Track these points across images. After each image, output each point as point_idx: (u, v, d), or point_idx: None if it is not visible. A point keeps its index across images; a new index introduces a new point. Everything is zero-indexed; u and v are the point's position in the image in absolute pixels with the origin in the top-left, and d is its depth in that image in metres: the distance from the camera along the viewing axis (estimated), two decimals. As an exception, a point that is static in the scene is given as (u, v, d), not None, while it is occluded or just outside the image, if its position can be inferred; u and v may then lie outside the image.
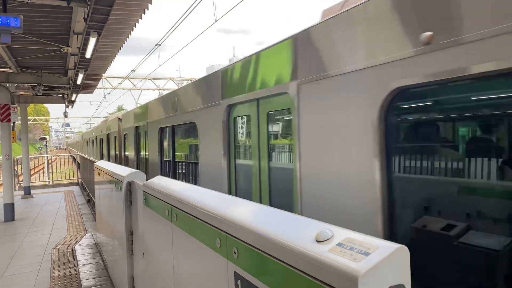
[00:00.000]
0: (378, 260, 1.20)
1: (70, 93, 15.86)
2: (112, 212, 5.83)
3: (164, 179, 3.78)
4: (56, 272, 6.73)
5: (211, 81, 5.60)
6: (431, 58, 2.34)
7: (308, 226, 1.65)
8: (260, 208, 2.13)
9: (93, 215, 11.85)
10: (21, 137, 16.90)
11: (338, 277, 1.24)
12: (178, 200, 2.81)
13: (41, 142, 44.66)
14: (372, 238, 1.35)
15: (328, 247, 1.38)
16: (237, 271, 1.94)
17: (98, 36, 7.51)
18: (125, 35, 9.24)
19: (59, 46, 9.28)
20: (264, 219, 1.91)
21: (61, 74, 13.36)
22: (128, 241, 4.71)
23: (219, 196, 2.60)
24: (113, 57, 11.40)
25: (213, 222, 2.19)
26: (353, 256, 1.27)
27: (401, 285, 1.22)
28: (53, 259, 7.54)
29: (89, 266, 7.02)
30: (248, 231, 1.82)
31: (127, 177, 4.74)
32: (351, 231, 1.45)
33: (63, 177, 24.07)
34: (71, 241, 8.96)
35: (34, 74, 12.67)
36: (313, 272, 1.35)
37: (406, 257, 1.25)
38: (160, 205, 3.28)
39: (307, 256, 1.39)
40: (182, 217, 2.74)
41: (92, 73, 12.82)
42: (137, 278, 4.56)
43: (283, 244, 1.55)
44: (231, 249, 1.98)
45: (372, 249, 1.27)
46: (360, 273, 1.17)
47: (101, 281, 6.21)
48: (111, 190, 5.83)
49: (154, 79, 35.30)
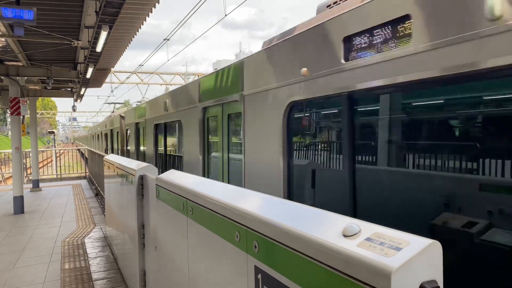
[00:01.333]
0: (411, 256, 1.18)
1: (79, 86, 15.91)
2: (122, 206, 5.85)
3: (177, 173, 3.77)
4: (67, 265, 6.77)
5: (192, 87, 6.96)
6: (307, 84, 3.79)
7: (332, 220, 1.63)
8: (278, 201, 2.12)
9: (102, 208, 11.91)
10: (29, 130, 17.02)
11: (369, 272, 1.22)
12: (194, 194, 2.80)
13: (48, 135, 44.93)
14: (402, 233, 1.33)
15: (356, 242, 1.36)
16: (257, 265, 1.92)
17: (109, 30, 7.51)
18: (135, 29, 9.24)
19: (70, 40, 9.30)
20: (284, 212, 1.90)
21: (71, 68, 13.41)
22: (139, 234, 4.72)
23: (236, 190, 2.59)
24: (122, 51, 11.42)
25: (232, 215, 2.18)
26: (384, 251, 1.25)
27: (434, 281, 1.20)
28: (63, 251, 7.59)
29: (99, 259, 7.06)
30: (270, 224, 1.81)
31: (139, 171, 4.74)
32: (378, 226, 1.43)
33: (71, 171, 24.24)
34: (80, 234, 9.02)
35: (44, 67, 12.72)
36: (341, 267, 1.34)
37: (438, 252, 1.23)
38: (174, 198, 3.28)
39: (335, 251, 1.37)
40: (198, 211, 2.73)
41: (102, 67, 12.85)
42: (148, 271, 4.57)
43: (308, 238, 1.53)
44: (251, 243, 1.97)
45: (404, 244, 1.25)
46: (393, 269, 1.15)
47: (111, 274, 6.24)
48: (122, 184, 5.84)
49: (161, 74, 35.34)
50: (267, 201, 2.19)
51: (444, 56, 2.46)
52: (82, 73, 12.80)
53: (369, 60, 3.06)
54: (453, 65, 2.41)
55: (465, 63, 2.34)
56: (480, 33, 2.23)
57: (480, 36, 2.24)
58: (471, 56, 2.30)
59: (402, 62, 2.76)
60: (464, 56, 2.34)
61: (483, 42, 2.23)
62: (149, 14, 8.37)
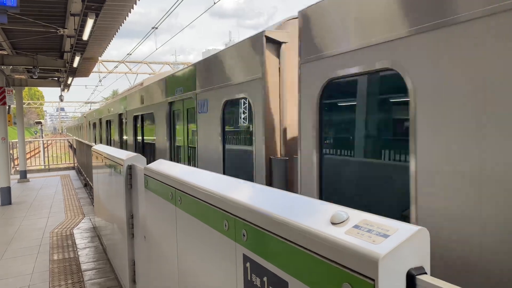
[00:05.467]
0: (399, 243, 1.18)
1: (66, 76, 15.66)
2: (111, 196, 5.81)
3: (166, 163, 3.74)
4: (55, 255, 6.73)
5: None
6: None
7: (321, 208, 1.63)
8: (268, 190, 2.11)
9: (91, 199, 11.83)
10: (16, 120, 16.74)
11: (357, 259, 1.21)
12: (182, 183, 2.78)
13: (36, 126, 44.33)
14: (390, 220, 1.33)
15: (344, 229, 1.36)
16: (245, 254, 1.92)
17: (95, 18, 7.36)
18: (123, 17, 9.07)
19: (55, 28, 9.11)
20: (273, 201, 1.89)
21: (57, 57, 13.17)
22: (128, 224, 4.69)
23: (225, 179, 2.57)
24: (110, 40, 11.22)
25: (220, 204, 2.17)
26: (371, 238, 1.25)
27: (421, 267, 1.21)
28: (52, 242, 7.54)
29: (88, 249, 7.02)
30: (258, 213, 1.80)
31: (127, 161, 4.70)
32: (367, 213, 1.42)
33: (59, 161, 23.97)
34: (69, 224, 8.95)
35: (30, 56, 12.47)
36: (329, 254, 1.33)
37: (426, 239, 1.23)
38: (163, 188, 3.25)
39: (323, 238, 1.37)
40: (186, 200, 2.71)
41: (89, 56, 12.62)
42: (137, 261, 4.55)
43: (296, 226, 1.52)
44: (239, 232, 1.96)
45: (391, 231, 1.24)
46: (381, 256, 1.15)
47: (101, 264, 6.21)
48: (110, 174, 5.79)
49: (150, 63, 34.94)
50: (256, 190, 2.18)
51: None
52: (68, 62, 12.58)
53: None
54: None
55: None
56: None
57: None
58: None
59: None
60: None
61: None
62: (137, 1, 8.22)
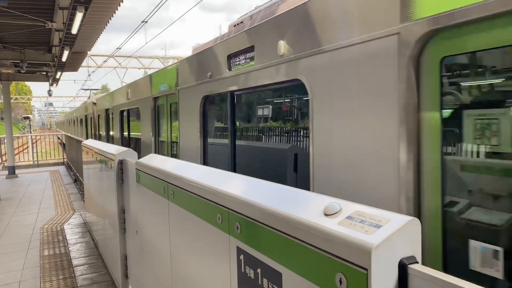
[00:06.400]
0: (391, 233, 1.20)
1: (54, 70, 15.47)
2: (102, 191, 5.78)
3: (158, 157, 3.74)
4: (46, 251, 6.68)
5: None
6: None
7: (314, 200, 1.65)
8: (260, 183, 2.12)
9: (81, 194, 11.74)
10: (3, 116, 16.50)
11: (350, 250, 1.24)
12: (175, 178, 2.79)
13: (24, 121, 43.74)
14: (382, 211, 1.35)
15: (337, 220, 1.38)
16: (239, 246, 1.94)
17: (85, 11, 7.28)
18: (112, 10, 8.99)
19: (43, 22, 8.98)
20: (266, 193, 1.90)
21: (45, 51, 13.00)
22: (120, 219, 4.68)
23: (218, 173, 2.58)
24: (99, 34, 11.12)
25: (214, 198, 2.18)
26: (364, 228, 1.27)
27: (412, 256, 1.23)
28: (42, 238, 7.48)
29: (79, 245, 6.99)
30: (252, 205, 1.81)
31: (118, 156, 4.68)
32: (359, 205, 1.45)
33: (48, 157, 23.73)
34: (59, 220, 8.89)
35: (17, 50, 12.30)
36: (322, 245, 1.35)
37: (417, 229, 1.25)
38: (155, 182, 3.25)
39: (317, 230, 1.39)
40: (179, 194, 2.72)
41: (78, 50, 12.50)
42: (129, 256, 4.55)
43: (290, 218, 1.54)
44: (233, 224, 1.98)
45: (384, 221, 1.27)
46: (374, 246, 1.17)
47: (92, 260, 6.19)
48: (101, 169, 5.76)
49: (139, 58, 34.64)
50: (249, 182, 2.19)
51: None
52: (57, 56, 12.43)
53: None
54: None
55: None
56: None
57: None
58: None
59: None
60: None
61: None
62: (126, -5, 8.14)
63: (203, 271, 2.40)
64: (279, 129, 4.26)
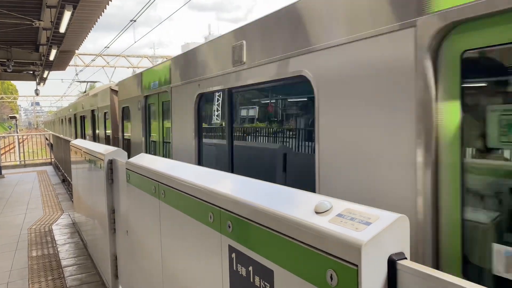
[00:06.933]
0: (380, 229, 1.23)
1: (41, 69, 15.29)
2: (91, 191, 5.74)
3: (148, 156, 3.73)
4: (34, 252, 6.61)
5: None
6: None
7: (305, 198, 1.67)
8: (251, 181, 2.14)
9: (69, 194, 11.63)
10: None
11: (340, 246, 1.26)
12: (166, 177, 2.79)
13: (10, 121, 43.12)
14: (372, 208, 1.38)
15: (328, 218, 1.40)
16: (231, 244, 1.95)
17: (73, 10, 7.21)
18: (101, 9, 8.92)
19: (31, 20, 8.88)
20: (257, 192, 1.92)
21: (33, 50, 12.84)
22: (110, 219, 4.66)
23: (209, 172, 2.59)
24: (87, 32, 11.01)
25: (205, 197, 2.19)
26: (354, 226, 1.30)
27: (401, 253, 1.26)
28: (30, 239, 7.40)
29: (67, 245, 6.93)
30: (244, 204, 1.83)
31: (108, 155, 4.66)
32: (349, 203, 1.47)
33: (35, 157, 23.42)
34: (47, 221, 8.79)
35: (3, 49, 12.12)
36: (314, 242, 1.38)
37: (406, 226, 1.28)
38: (146, 182, 3.25)
39: (308, 227, 1.41)
40: (170, 194, 2.72)
41: (66, 49, 12.36)
42: (119, 256, 4.53)
43: (281, 216, 1.56)
44: (225, 223, 1.99)
45: (373, 218, 1.30)
46: (363, 242, 1.20)
47: (81, 260, 6.15)
48: (90, 169, 5.72)
49: (128, 57, 34.39)
50: (240, 181, 2.21)
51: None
52: (44, 55, 12.29)
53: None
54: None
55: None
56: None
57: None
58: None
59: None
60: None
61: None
62: (115, -6, 8.10)
63: (195, 270, 2.41)
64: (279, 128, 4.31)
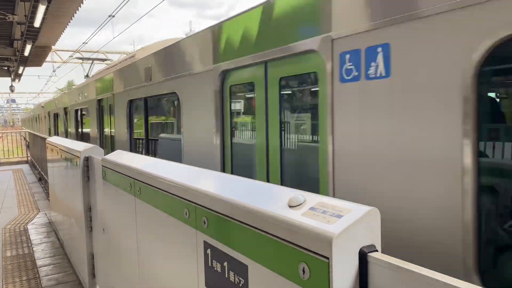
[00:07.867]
0: (351, 222, 1.24)
1: (16, 65, 14.90)
2: (68, 189, 5.63)
3: (124, 153, 3.68)
4: (8, 252, 6.45)
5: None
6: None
7: (279, 193, 1.67)
8: (228, 178, 2.13)
9: (46, 193, 11.37)
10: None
11: (312, 239, 1.26)
12: (142, 174, 2.75)
13: (-16, 118, 41.88)
14: (344, 202, 1.38)
15: (301, 212, 1.40)
16: (206, 240, 1.94)
17: (47, 3, 7.04)
18: (77, 4, 8.73)
19: (4, 14, 8.62)
20: (233, 188, 1.91)
21: (6, 45, 12.49)
22: (86, 217, 4.58)
23: (185, 168, 2.57)
24: (64, 27, 10.77)
25: (181, 193, 2.17)
26: (326, 218, 1.30)
27: (372, 245, 1.27)
28: (4, 239, 7.21)
29: (43, 245, 6.78)
30: (219, 200, 1.82)
31: (84, 152, 4.57)
32: (323, 196, 1.48)
33: (11, 155, 22.82)
34: (22, 220, 8.59)
35: (-24, 44, 11.77)
36: (286, 236, 1.38)
37: (377, 218, 1.29)
38: (121, 179, 3.20)
39: (281, 221, 1.41)
40: (146, 191, 2.68)
41: (41, 44, 12.06)
42: (96, 255, 4.46)
43: (255, 210, 1.56)
44: (200, 219, 1.97)
45: (345, 212, 1.30)
46: (335, 235, 1.20)
47: (58, 260, 6.03)
48: (66, 167, 5.61)
49: (107, 53, 33.79)
50: (216, 177, 2.19)
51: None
52: (19, 50, 11.98)
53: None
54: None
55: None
56: None
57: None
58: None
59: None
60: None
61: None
62: (92, -12, 7.94)
63: (171, 267, 2.38)
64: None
